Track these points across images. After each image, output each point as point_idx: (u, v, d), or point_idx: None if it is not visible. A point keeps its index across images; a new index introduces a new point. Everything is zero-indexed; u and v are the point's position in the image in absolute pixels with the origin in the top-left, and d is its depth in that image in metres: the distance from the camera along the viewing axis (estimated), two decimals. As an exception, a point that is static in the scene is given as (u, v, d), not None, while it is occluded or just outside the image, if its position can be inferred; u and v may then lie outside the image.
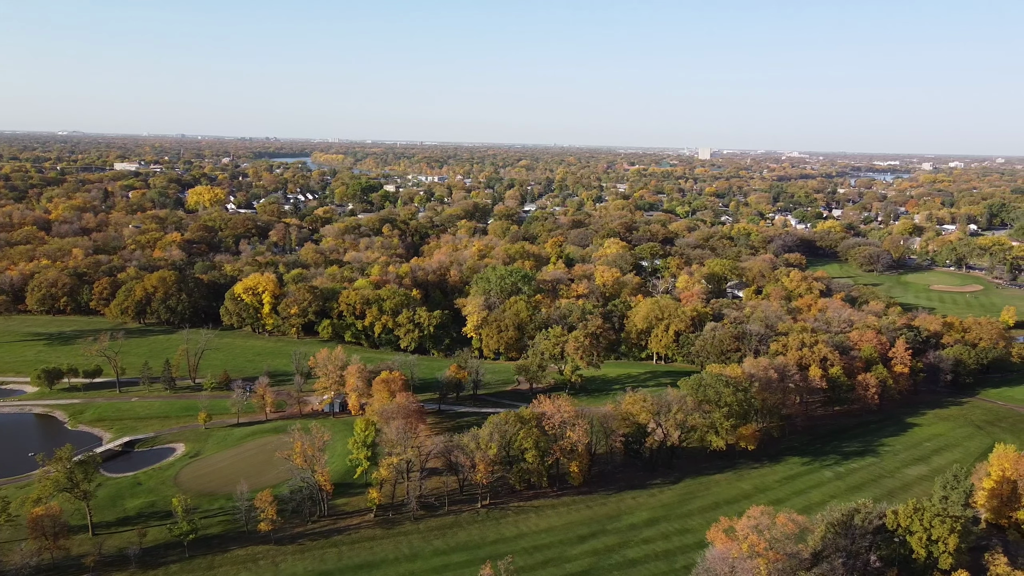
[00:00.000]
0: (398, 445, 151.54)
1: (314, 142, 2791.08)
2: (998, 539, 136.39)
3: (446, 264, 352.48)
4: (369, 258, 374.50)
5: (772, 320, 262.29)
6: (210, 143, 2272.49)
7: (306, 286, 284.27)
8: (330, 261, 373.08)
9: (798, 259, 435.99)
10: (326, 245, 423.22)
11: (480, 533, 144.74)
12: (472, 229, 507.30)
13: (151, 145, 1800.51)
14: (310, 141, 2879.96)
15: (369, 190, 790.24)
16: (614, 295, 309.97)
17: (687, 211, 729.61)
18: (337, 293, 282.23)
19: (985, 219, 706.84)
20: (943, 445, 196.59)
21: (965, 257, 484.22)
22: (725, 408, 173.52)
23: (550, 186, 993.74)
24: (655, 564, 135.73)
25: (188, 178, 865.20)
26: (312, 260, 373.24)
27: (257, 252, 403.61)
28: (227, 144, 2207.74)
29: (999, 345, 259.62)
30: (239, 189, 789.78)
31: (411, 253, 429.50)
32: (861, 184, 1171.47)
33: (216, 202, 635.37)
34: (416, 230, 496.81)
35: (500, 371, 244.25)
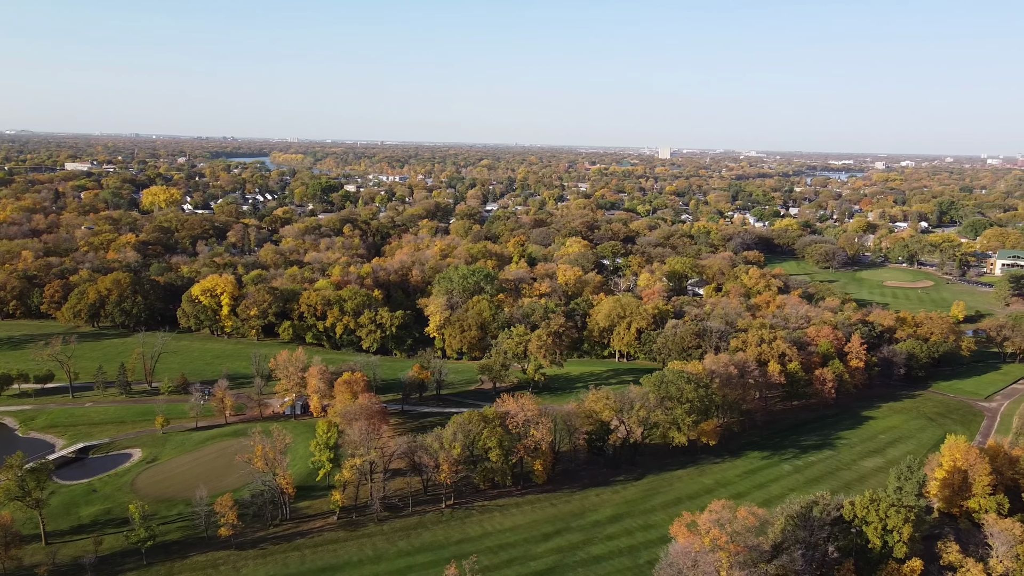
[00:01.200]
0: (361, 446, 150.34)
1: (273, 142, 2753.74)
2: (950, 527, 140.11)
3: (408, 264, 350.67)
4: (330, 259, 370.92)
5: (732, 317, 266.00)
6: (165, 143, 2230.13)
7: (266, 287, 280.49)
8: (290, 262, 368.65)
9: (757, 257, 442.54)
10: (286, 246, 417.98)
11: (445, 533, 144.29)
12: (434, 229, 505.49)
13: (104, 145, 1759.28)
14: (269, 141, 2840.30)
15: (329, 190, 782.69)
16: (576, 294, 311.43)
17: (648, 210, 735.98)
18: (298, 294, 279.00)
19: (935, 217, 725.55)
20: (897, 437, 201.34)
21: (917, 254, 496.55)
22: (687, 404, 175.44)
23: (512, 185, 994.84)
24: (619, 560, 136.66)
25: (143, 178, 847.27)
26: (272, 261, 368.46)
27: (215, 253, 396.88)
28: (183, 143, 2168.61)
29: (950, 339, 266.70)
30: (196, 189, 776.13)
31: (372, 253, 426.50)
32: (817, 183, 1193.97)
33: (172, 203, 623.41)
34: (377, 230, 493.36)
35: (463, 371, 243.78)
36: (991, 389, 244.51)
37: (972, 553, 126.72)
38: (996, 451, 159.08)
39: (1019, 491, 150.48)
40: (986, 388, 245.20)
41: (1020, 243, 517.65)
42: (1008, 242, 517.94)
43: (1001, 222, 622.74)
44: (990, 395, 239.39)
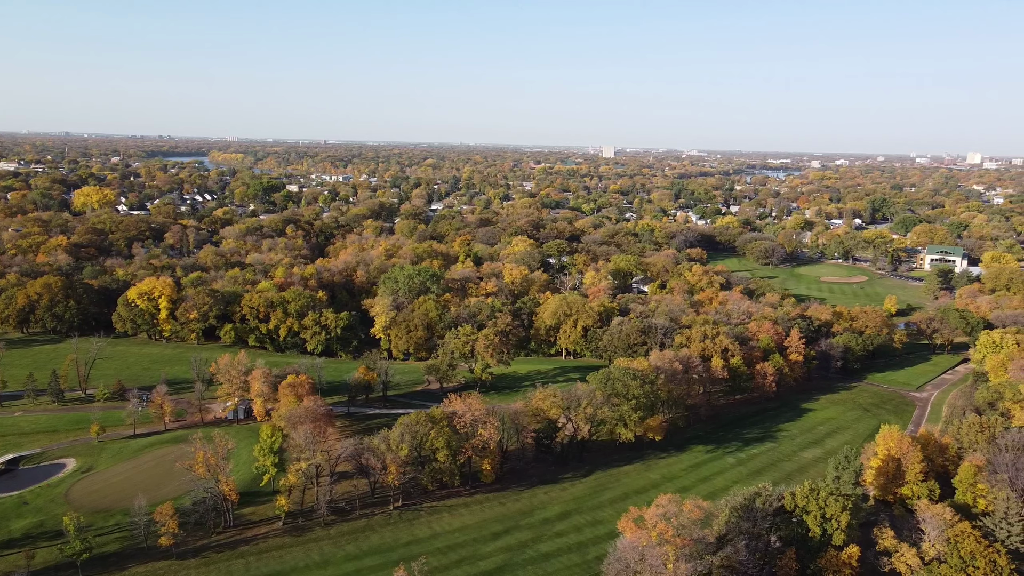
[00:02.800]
0: (306, 450, 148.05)
1: (211, 141, 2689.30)
2: (885, 514, 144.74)
3: (352, 264, 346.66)
4: (272, 260, 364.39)
5: (676, 313, 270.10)
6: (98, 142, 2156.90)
7: (206, 289, 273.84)
8: (231, 263, 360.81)
9: (699, 254, 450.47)
10: (226, 247, 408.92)
11: (393, 535, 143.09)
12: (378, 229, 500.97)
13: (32, 144, 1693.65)
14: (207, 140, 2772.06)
15: (271, 190, 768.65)
16: (522, 292, 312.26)
17: (593, 208, 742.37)
18: (239, 296, 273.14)
19: (868, 214, 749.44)
20: (835, 428, 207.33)
21: (851, 250, 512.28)
22: (633, 401, 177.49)
23: (457, 185, 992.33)
24: (568, 556, 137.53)
25: (74, 178, 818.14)
26: (212, 263, 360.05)
27: (152, 255, 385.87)
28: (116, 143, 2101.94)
29: (883, 332, 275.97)
30: (131, 190, 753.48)
31: (316, 254, 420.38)
32: (756, 181, 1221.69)
33: (106, 203, 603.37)
34: (321, 230, 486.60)
35: (410, 371, 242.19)
36: (922, 380, 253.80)
37: (906, 538, 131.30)
38: (927, 439, 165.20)
39: (949, 477, 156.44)
40: (917, 379, 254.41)
41: (948, 239, 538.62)
42: (936, 238, 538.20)
43: (930, 219, 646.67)
44: (921, 385, 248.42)
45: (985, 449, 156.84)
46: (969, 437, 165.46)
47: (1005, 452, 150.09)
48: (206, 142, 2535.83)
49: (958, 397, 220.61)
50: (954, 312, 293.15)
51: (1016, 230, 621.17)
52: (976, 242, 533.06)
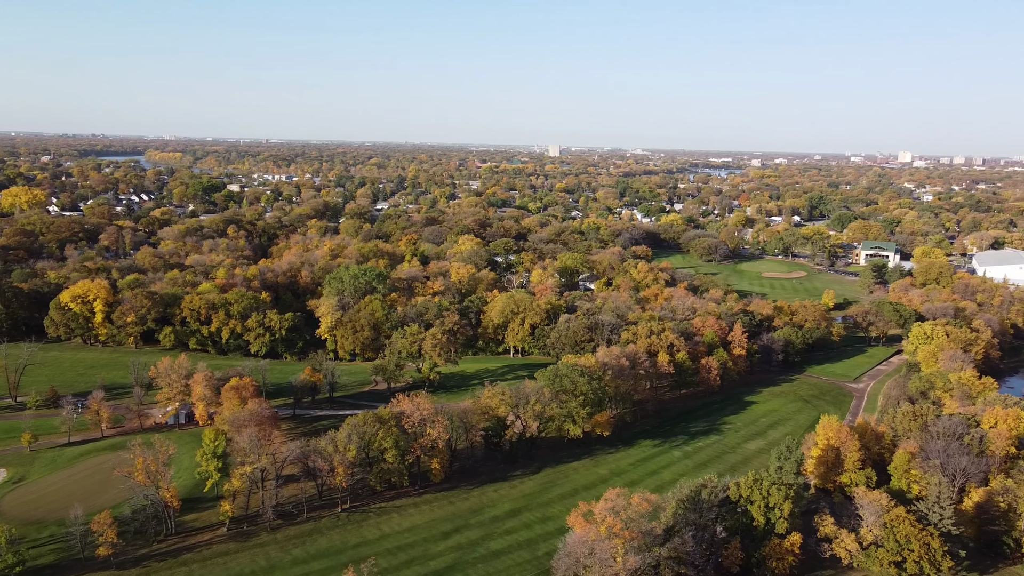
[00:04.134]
0: (251, 453, 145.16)
1: (148, 139, 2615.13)
2: (825, 502, 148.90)
3: (296, 265, 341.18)
4: (213, 261, 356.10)
5: (622, 310, 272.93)
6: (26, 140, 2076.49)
7: (144, 292, 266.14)
8: (170, 265, 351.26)
9: (645, 251, 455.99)
10: (165, 248, 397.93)
11: (341, 538, 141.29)
12: (323, 228, 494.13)
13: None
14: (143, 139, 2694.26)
15: (211, 190, 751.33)
16: (470, 291, 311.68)
17: (539, 207, 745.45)
18: (179, 298, 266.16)
19: (807, 211, 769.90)
20: (777, 420, 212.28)
21: (791, 246, 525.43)
22: (581, 397, 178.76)
23: (402, 184, 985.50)
24: (518, 553, 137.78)
25: (1, 178, 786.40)
26: (150, 264, 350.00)
27: (86, 257, 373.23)
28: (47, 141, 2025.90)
29: (822, 325, 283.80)
30: (63, 190, 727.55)
31: (259, 255, 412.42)
32: (699, 180, 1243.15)
33: (35, 204, 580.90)
34: (264, 231, 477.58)
35: (357, 372, 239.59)
36: (859, 371, 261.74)
37: (845, 524, 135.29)
38: (864, 428, 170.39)
39: (885, 464, 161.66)
40: (854, 370, 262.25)
41: (881, 235, 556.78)
42: (871, 234, 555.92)
43: (864, 215, 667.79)
44: (858, 377, 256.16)
45: (918, 436, 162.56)
46: (903, 425, 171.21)
47: (937, 439, 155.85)
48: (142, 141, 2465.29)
49: (893, 387, 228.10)
50: (888, 305, 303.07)
51: (945, 226, 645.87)
52: (908, 237, 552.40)
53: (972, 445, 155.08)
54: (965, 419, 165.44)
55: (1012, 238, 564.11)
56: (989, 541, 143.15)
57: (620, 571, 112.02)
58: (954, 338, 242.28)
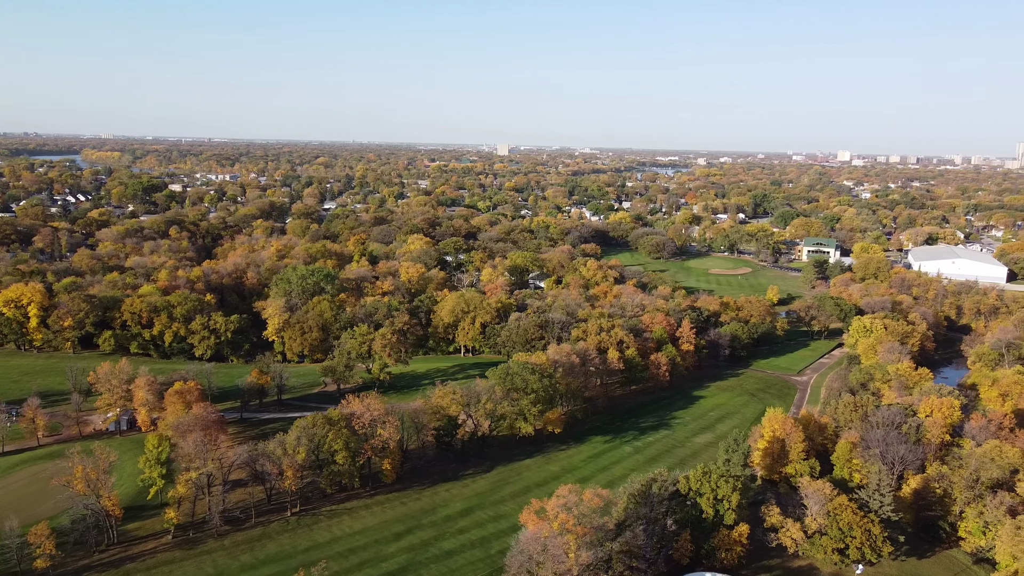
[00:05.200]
0: (197, 459, 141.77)
1: (84, 138, 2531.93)
2: (771, 492, 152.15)
3: (242, 266, 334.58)
4: (155, 262, 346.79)
5: (572, 308, 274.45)
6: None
7: (81, 295, 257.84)
8: (109, 267, 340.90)
9: (594, 249, 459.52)
10: (104, 250, 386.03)
11: (291, 542, 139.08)
12: (269, 229, 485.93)
13: None
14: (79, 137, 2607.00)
15: (152, 190, 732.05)
16: (420, 291, 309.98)
17: (488, 206, 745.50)
18: (119, 301, 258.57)
19: (751, 208, 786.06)
20: (724, 413, 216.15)
21: (736, 243, 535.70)
22: (532, 395, 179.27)
23: (350, 183, 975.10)
24: (471, 552, 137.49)
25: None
26: (88, 267, 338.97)
27: (19, 260, 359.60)
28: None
29: (767, 321, 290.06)
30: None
31: (203, 256, 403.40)
32: (647, 178, 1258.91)
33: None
34: (208, 231, 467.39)
35: (305, 374, 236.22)
36: (802, 364, 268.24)
37: (791, 514, 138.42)
38: (808, 420, 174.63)
39: (828, 454, 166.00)
40: (798, 363, 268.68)
41: (822, 231, 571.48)
42: (812, 230, 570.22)
43: (806, 213, 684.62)
44: (801, 369, 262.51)
45: (859, 427, 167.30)
46: (845, 416, 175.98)
47: (876, 429, 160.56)
48: (78, 140, 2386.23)
49: (834, 379, 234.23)
50: (829, 300, 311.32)
51: (882, 222, 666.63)
52: (847, 234, 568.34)
53: (909, 434, 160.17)
54: (903, 409, 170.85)
55: (944, 234, 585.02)
56: (926, 526, 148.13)
57: (573, 567, 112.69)
58: (892, 331, 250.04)
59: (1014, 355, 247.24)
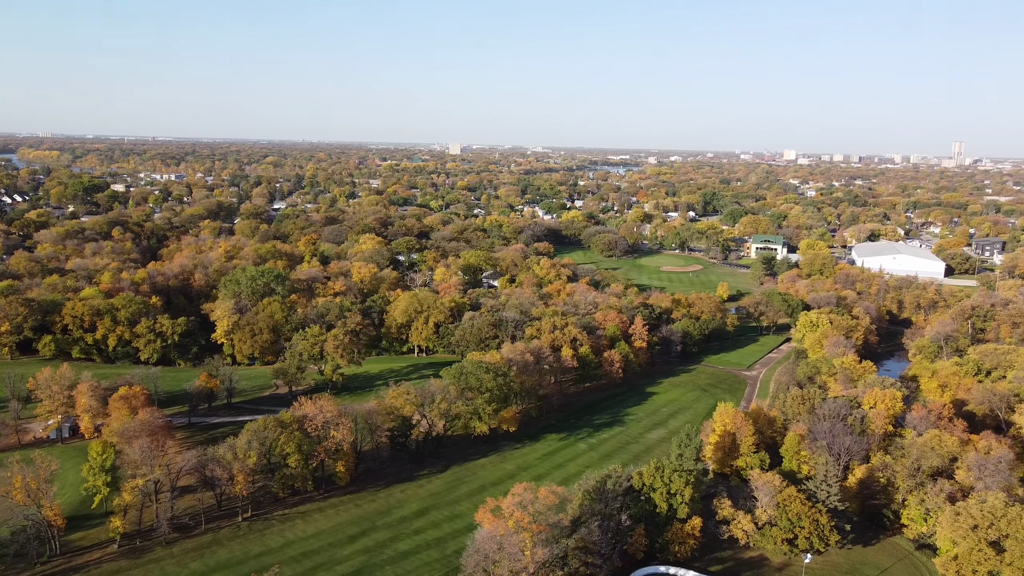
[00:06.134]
0: (143, 465, 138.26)
1: (20, 137, 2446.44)
2: (723, 485, 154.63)
3: (189, 267, 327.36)
4: (98, 265, 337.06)
5: (526, 306, 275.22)
6: None
7: (19, 299, 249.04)
8: (49, 270, 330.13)
9: (547, 248, 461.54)
10: (43, 252, 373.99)
11: (243, 548, 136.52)
12: (217, 229, 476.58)
13: None
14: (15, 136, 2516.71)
15: (93, 190, 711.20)
16: (372, 291, 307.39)
17: (441, 205, 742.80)
18: (60, 305, 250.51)
19: (701, 206, 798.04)
20: (677, 409, 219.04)
21: (687, 240, 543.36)
22: (487, 394, 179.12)
23: (300, 183, 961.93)
24: (427, 553, 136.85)
25: None
26: (26, 269, 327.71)
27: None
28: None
29: (717, 317, 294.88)
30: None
31: (148, 258, 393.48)
32: (598, 177, 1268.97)
33: None
34: (153, 232, 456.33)
35: (256, 376, 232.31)
36: (752, 359, 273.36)
37: (742, 506, 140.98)
38: (757, 414, 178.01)
39: (777, 447, 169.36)
40: (748, 359, 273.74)
41: (770, 229, 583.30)
42: (760, 228, 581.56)
43: (754, 210, 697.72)
44: (751, 364, 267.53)
45: (806, 419, 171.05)
46: (793, 409, 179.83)
47: (823, 421, 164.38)
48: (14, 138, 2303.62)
49: (783, 373, 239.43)
50: (777, 296, 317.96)
51: (827, 220, 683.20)
52: (794, 231, 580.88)
53: (855, 425, 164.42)
54: (848, 401, 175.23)
55: (886, 230, 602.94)
56: (871, 514, 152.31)
57: (529, 564, 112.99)
58: (837, 325, 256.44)
59: (952, 347, 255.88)
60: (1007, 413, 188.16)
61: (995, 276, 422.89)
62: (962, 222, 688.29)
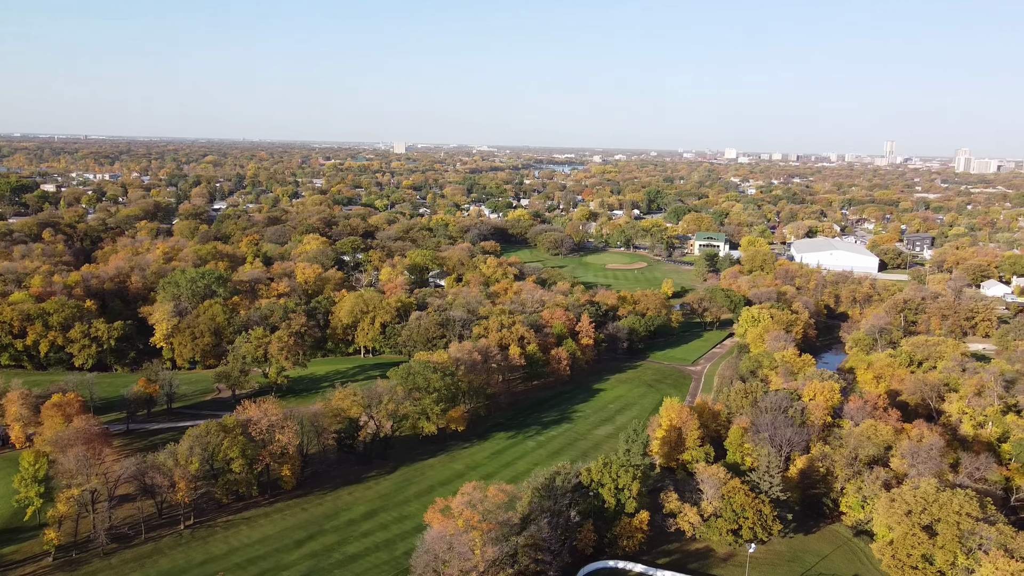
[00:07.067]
0: (79, 475, 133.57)
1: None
2: (670, 479, 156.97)
3: (126, 270, 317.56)
4: (27, 268, 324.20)
5: (473, 305, 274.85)
6: None
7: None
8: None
9: (493, 246, 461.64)
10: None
11: (185, 557, 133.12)
12: (155, 230, 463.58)
13: None
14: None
15: (21, 190, 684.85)
16: (317, 292, 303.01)
17: (386, 204, 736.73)
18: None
19: (645, 204, 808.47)
20: (624, 405, 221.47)
21: (632, 238, 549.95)
22: (434, 394, 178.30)
23: (241, 182, 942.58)
24: (376, 555, 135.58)
25: None
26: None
27: None
28: None
29: (662, 313, 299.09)
30: None
31: (82, 260, 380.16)
32: (544, 175, 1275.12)
33: None
34: (86, 234, 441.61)
35: (198, 380, 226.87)
36: (696, 354, 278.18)
37: (688, 499, 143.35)
38: (702, 408, 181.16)
39: (721, 440, 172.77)
40: (693, 354, 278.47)
41: (712, 226, 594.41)
42: (703, 226, 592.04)
43: (697, 208, 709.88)
44: (696, 360, 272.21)
45: (749, 412, 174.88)
46: (736, 403, 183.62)
47: (765, 413, 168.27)
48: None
49: (726, 368, 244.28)
50: (720, 292, 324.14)
51: (767, 217, 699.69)
52: (735, 228, 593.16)
53: (795, 417, 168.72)
54: (789, 394, 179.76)
55: (823, 227, 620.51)
56: (812, 503, 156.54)
57: (479, 563, 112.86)
58: (778, 320, 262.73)
59: (886, 340, 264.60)
60: (937, 402, 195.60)
61: (925, 271, 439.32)
62: (894, 219, 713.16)
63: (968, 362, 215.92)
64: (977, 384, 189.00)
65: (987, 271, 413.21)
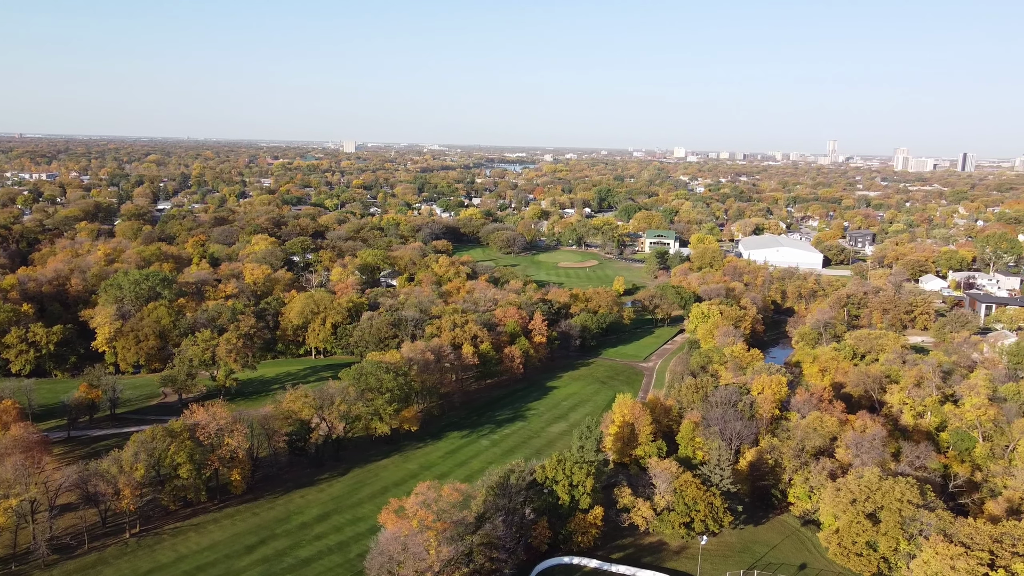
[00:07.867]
0: (17, 484, 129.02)
1: None
2: (623, 475, 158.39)
3: (65, 272, 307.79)
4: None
5: (426, 305, 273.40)
6: None
7: None
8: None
9: (445, 246, 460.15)
10: None
11: (131, 566, 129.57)
12: (95, 232, 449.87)
13: None
14: None
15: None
16: (266, 292, 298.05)
17: (336, 204, 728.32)
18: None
19: (596, 203, 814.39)
20: (577, 402, 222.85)
21: (583, 236, 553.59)
22: (387, 394, 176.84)
23: (187, 182, 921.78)
24: (329, 558, 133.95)
25: None
26: None
27: None
28: None
29: (614, 310, 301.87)
30: None
31: (18, 263, 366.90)
32: (495, 174, 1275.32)
33: None
34: (23, 235, 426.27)
35: (143, 385, 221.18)
36: (648, 351, 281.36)
37: (641, 494, 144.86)
38: (654, 404, 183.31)
39: (673, 435, 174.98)
40: (644, 350, 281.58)
41: (663, 224, 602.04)
42: (653, 223, 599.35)
43: (647, 206, 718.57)
44: (647, 356, 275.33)
45: (700, 407, 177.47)
46: (687, 397, 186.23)
47: (715, 408, 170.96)
48: None
49: (677, 364, 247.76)
50: (671, 289, 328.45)
51: (715, 215, 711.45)
52: (685, 226, 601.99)
53: (744, 410, 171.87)
54: (738, 388, 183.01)
55: (769, 224, 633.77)
56: (761, 495, 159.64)
57: (434, 563, 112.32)
58: (727, 316, 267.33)
59: (831, 333, 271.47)
60: (880, 393, 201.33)
61: (867, 266, 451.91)
62: (837, 216, 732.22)
63: (908, 354, 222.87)
64: (916, 376, 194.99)
65: (925, 266, 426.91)
